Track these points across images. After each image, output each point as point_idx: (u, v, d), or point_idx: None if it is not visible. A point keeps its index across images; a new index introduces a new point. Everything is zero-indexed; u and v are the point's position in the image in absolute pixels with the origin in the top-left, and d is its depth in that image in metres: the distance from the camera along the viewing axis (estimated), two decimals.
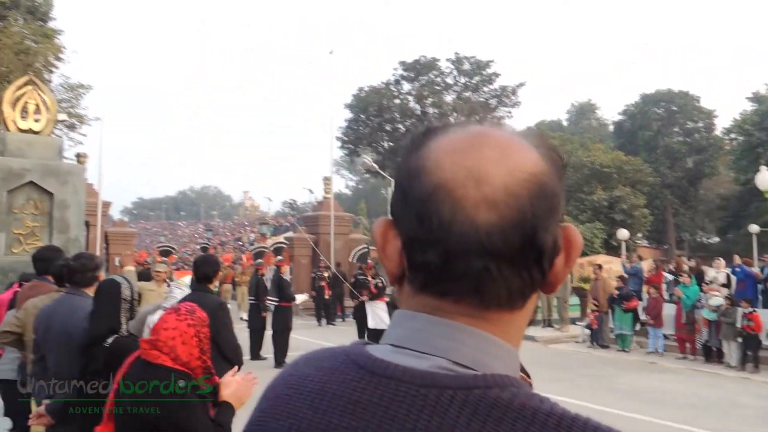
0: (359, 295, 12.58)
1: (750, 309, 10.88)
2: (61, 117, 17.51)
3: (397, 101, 40.13)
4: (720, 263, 13.84)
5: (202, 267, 4.90)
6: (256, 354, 11.19)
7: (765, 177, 14.88)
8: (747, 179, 30.79)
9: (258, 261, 15.40)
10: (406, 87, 40.70)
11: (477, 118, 38.60)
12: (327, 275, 18.09)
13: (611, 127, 56.03)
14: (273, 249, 22.20)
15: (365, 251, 21.40)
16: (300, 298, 12.51)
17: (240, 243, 47.96)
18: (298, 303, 12.32)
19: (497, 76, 40.40)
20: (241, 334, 4.72)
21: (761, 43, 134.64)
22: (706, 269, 14.77)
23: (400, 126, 40.09)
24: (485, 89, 40.75)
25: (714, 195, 46.23)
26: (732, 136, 43.27)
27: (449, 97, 40.33)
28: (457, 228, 0.58)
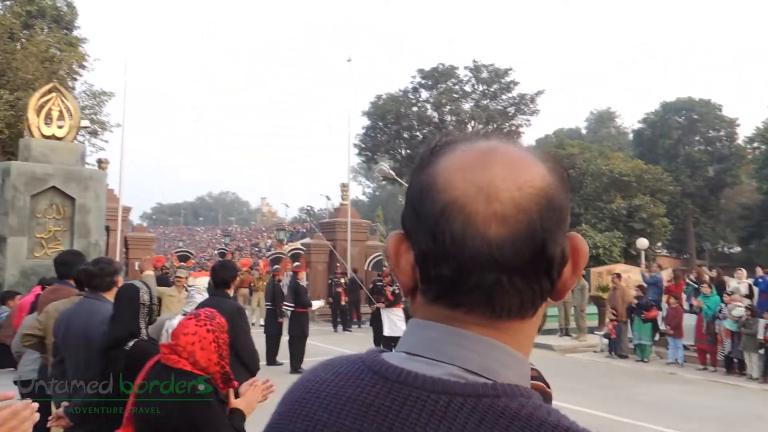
0: (376, 302, 12.57)
1: None
2: (84, 123, 17.79)
3: (415, 109, 40.20)
4: (742, 274, 13.60)
5: (220, 272, 4.93)
6: (272, 359, 11.23)
7: None
8: None
9: (275, 267, 15.48)
10: (424, 95, 40.79)
11: (484, 131, 38.54)
12: (344, 281, 18.13)
13: (631, 136, 55.58)
14: (290, 255, 22.28)
15: (381, 258, 21.39)
16: (316, 304, 12.55)
17: (257, 249, 48.22)
18: (314, 309, 12.34)
19: (516, 84, 40.33)
20: (257, 339, 4.74)
21: None
22: (727, 280, 14.53)
23: (417, 134, 40.15)
24: (503, 97, 40.68)
25: (736, 204, 45.61)
26: (755, 144, 42.71)
27: (467, 105, 40.31)
28: (470, 243, 0.60)
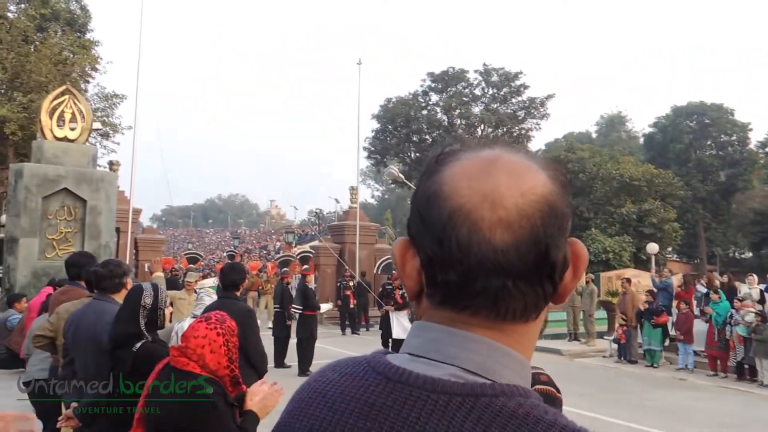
0: (385, 305, 12.56)
1: None
2: (96, 126, 17.92)
3: (425, 112, 40.21)
4: (753, 279, 13.47)
5: (230, 274, 4.94)
6: (280, 362, 11.25)
7: None
8: None
9: (284, 270, 15.51)
10: (434, 98, 40.78)
11: (488, 138, 38.48)
12: (352, 285, 18.14)
13: (641, 140, 55.31)
14: (299, 258, 22.31)
15: (391, 261, 21.38)
16: (324, 307, 12.55)
17: (266, 251, 48.34)
18: (322, 312, 12.35)
19: (526, 87, 40.24)
20: (265, 342, 4.76)
21: None
22: (738, 285, 14.42)
23: (427, 137, 40.14)
24: (513, 101, 40.59)
25: (747, 209, 45.26)
26: (767, 150, 42.39)
27: (477, 109, 40.26)
28: (476, 248, 0.62)
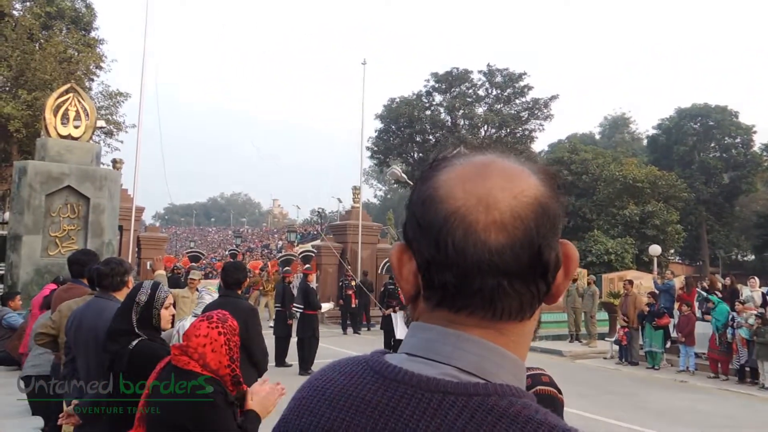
0: (388, 305, 12.58)
1: None
2: (100, 124, 17.97)
3: (428, 112, 40.18)
4: (755, 282, 13.44)
5: (233, 273, 4.95)
6: (281, 361, 11.27)
7: None
8: None
9: (285, 269, 15.53)
10: (437, 98, 40.74)
11: (486, 142, 38.17)
12: (354, 284, 18.16)
13: (645, 141, 55.19)
14: (301, 257, 22.32)
15: None
16: (326, 306, 12.59)
17: (268, 250, 48.35)
18: (323, 311, 12.37)
19: (530, 88, 40.18)
20: (266, 340, 4.78)
21: None
22: (740, 288, 14.39)
23: (430, 137, 40.11)
24: (517, 101, 40.54)
25: (750, 212, 45.16)
26: None
27: (480, 109, 40.22)
28: (471, 250, 0.64)
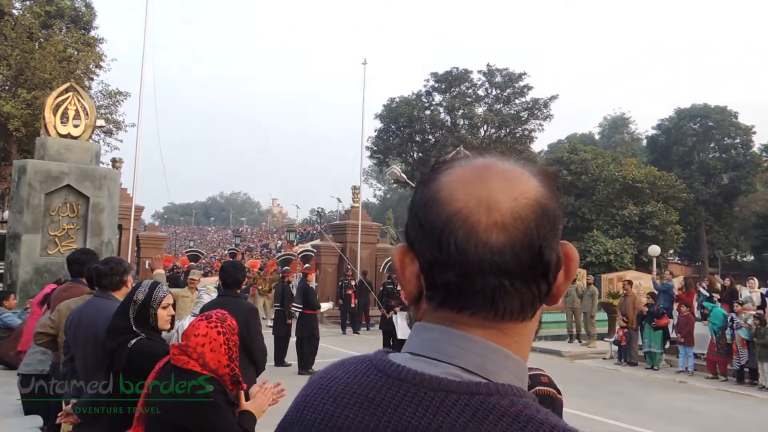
0: (387, 305, 12.57)
1: None
2: (99, 123, 17.96)
3: (428, 112, 40.16)
4: (754, 283, 13.43)
5: (232, 272, 4.94)
6: (280, 360, 11.26)
7: None
8: None
9: (285, 268, 15.52)
10: (437, 98, 40.72)
11: (487, 142, 38.13)
12: (354, 284, 18.16)
13: (644, 142, 55.21)
14: (300, 257, 22.32)
15: None
16: (325, 306, 12.57)
17: (267, 249, 48.33)
18: (323, 311, 12.35)
19: (529, 88, 40.17)
20: (264, 339, 4.78)
21: None
22: (740, 288, 14.39)
23: (430, 137, 40.09)
24: (517, 101, 40.53)
25: (750, 213, 45.18)
26: None
27: (480, 109, 40.21)
28: (473, 250, 0.65)
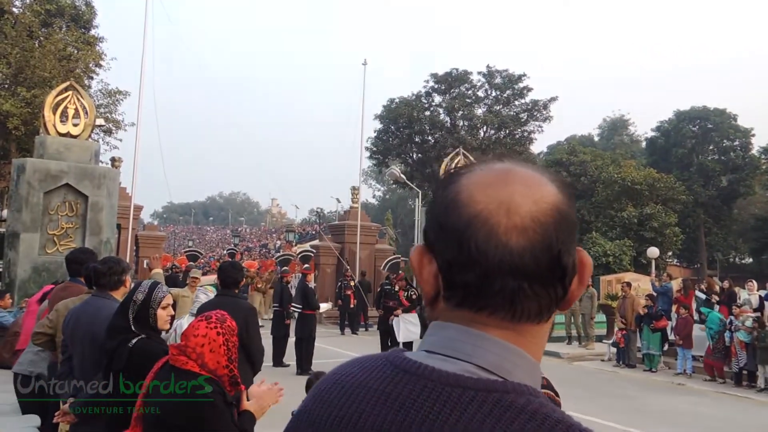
0: (385, 305, 12.52)
1: None
2: (99, 122, 17.94)
3: (428, 113, 40.12)
4: (752, 285, 13.44)
5: (231, 272, 4.94)
6: (278, 361, 11.25)
7: None
8: None
9: (283, 269, 15.51)
10: (437, 99, 40.70)
11: (488, 142, 38.20)
12: (353, 284, 18.15)
13: (644, 144, 55.23)
14: (300, 257, 22.31)
15: (396, 261, 21.33)
16: (324, 306, 12.55)
17: (266, 249, 48.32)
18: (322, 311, 12.33)
19: (529, 90, 40.14)
20: (263, 340, 4.78)
21: None
22: (738, 291, 14.40)
23: (429, 138, 40.06)
24: (516, 103, 40.50)
25: (749, 215, 45.21)
26: None
27: (480, 110, 40.19)
28: (493, 252, 0.66)
